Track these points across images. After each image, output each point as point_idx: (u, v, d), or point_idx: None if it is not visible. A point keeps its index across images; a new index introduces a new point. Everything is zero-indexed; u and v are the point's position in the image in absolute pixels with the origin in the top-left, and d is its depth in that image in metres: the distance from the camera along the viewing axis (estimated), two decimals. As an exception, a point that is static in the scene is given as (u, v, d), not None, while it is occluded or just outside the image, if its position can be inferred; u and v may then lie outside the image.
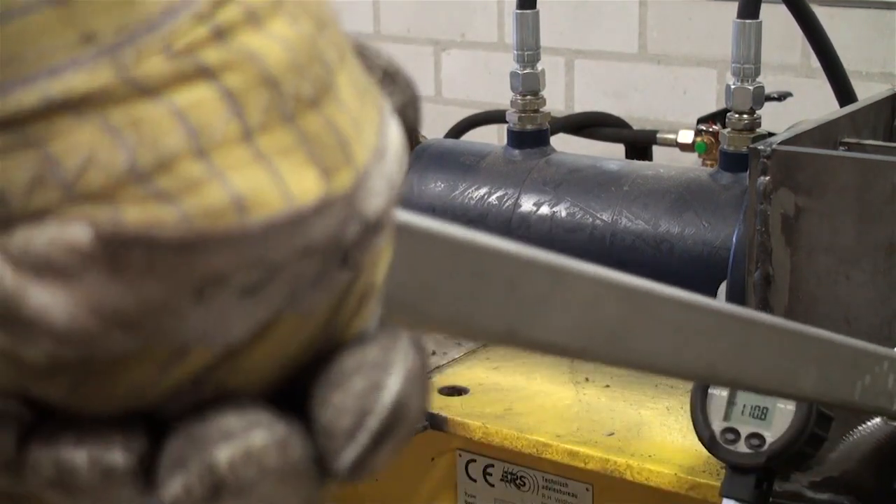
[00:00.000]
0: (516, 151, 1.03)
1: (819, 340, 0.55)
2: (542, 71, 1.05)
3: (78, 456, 0.27)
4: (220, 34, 0.26)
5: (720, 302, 0.45)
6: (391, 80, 0.34)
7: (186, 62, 0.26)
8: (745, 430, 0.77)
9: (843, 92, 1.04)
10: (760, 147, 0.80)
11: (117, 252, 0.25)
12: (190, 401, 0.28)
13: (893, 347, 0.73)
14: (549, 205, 0.98)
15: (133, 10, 0.25)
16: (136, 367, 0.26)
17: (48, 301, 0.25)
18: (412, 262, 0.32)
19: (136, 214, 0.25)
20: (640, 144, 2.18)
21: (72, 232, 0.25)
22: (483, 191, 1.01)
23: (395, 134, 0.31)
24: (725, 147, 0.94)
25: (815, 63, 1.12)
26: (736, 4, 0.93)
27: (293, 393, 0.29)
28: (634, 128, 2.23)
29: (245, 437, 0.27)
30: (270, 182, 0.26)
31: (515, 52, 1.04)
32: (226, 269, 0.26)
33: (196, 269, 0.25)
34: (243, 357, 0.27)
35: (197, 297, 0.26)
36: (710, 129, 2.00)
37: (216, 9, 0.26)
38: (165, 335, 0.26)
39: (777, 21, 1.28)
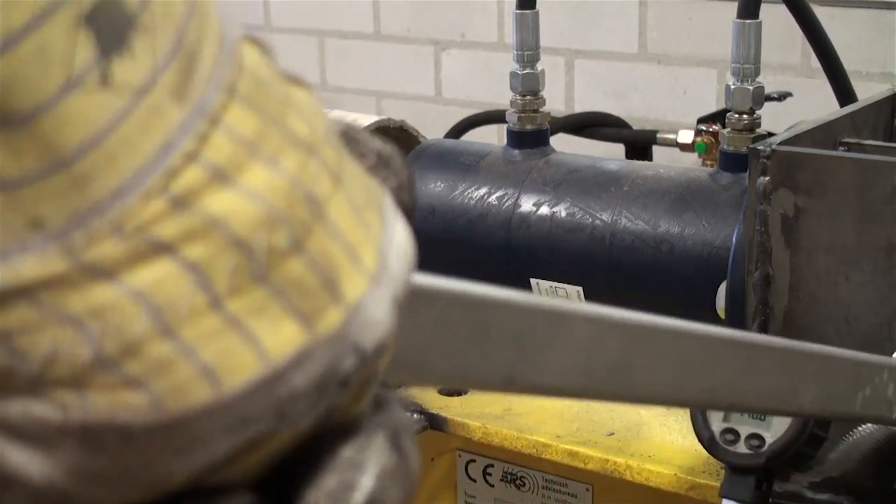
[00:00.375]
0: (516, 151, 1.03)
1: (818, 357, 0.55)
2: (542, 71, 1.05)
3: None
4: (180, 204, 0.26)
5: (717, 328, 0.45)
6: (385, 164, 0.34)
7: (140, 241, 0.25)
8: (744, 431, 0.77)
9: (844, 92, 1.04)
10: (760, 147, 0.80)
11: (89, 434, 0.25)
12: (168, 498, 0.28)
13: (893, 353, 0.73)
14: (548, 205, 0.98)
15: (82, 195, 0.25)
16: (116, 499, 0.27)
17: (25, 461, 0.25)
18: (411, 320, 0.32)
19: (104, 402, 0.25)
20: (640, 144, 2.18)
21: (42, 411, 0.25)
22: (483, 191, 1.01)
23: (400, 234, 0.30)
24: (725, 147, 0.94)
25: (815, 63, 1.12)
26: (736, 4, 0.93)
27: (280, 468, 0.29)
28: (634, 128, 2.23)
29: None
30: (243, 346, 0.26)
31: (515, 52, 1.04)
32: (204, 436, 0.26)
33: (173, 441, 0.25)
34: (226, 467, 0.27)
35: (177, 454, 0.26)
36: (710, 129, 2.00)
37: (172, 179, 0.26)
38: (146, 482, 0.26)
39: (777, 21, 1.28)
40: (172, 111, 0.26)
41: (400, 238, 0.30)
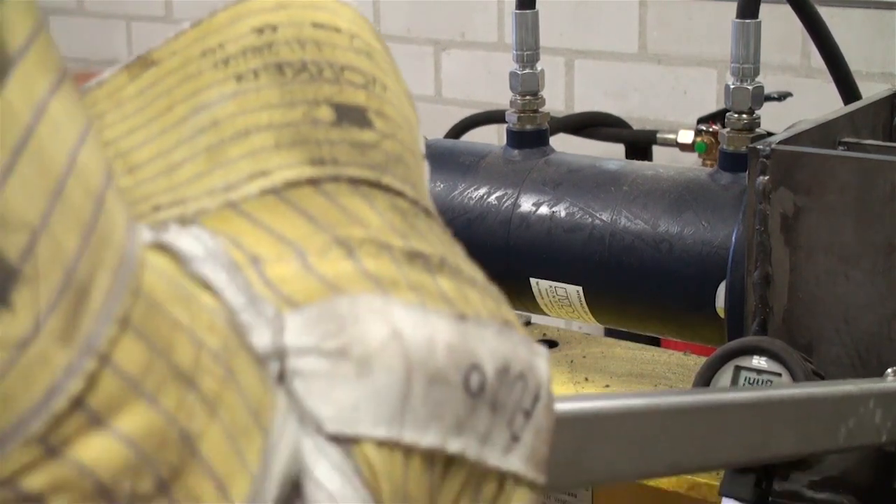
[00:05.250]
0: (515, 151, 1.03)
1: (791, 402, 0.55)
2: (542, 71, 1.05)
3: None
4: (54, 452, 0.26)
5: (677, 397, 0.45)
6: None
7: (9, 493, 0.25)
8: (744, 430, 0.77)
9: (847, 90, 1.03)
10: (760, 147, 0.80)
11: None
12: None
13: (886, 370, 0.73)
14: (548, 205, 0.98)
15: None
16: None
17: None
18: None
19: None
20: (640, 144, 2.18)
21: None
22: (482, 191, 1.01)
23: (285, 450, 0.31)
24: (725, 147, 0.94)
25: (815, 63, 1.12)
26: (735, 4, 0.93)
27: None
28: (634, 128, 2.23)
29: None
30: None
31: (515, 52, 1.04)
32: None
33: None
34: None
35: None
36: (710, 129, 2.01)
37: (52, 427, 0.26)
38: None
39: (777, 21, 1.28)
40: (58, 355, 0.26)
41: (283, 456, 0.31)
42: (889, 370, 0.72)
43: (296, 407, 0.32)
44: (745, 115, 0.93)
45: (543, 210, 0.98)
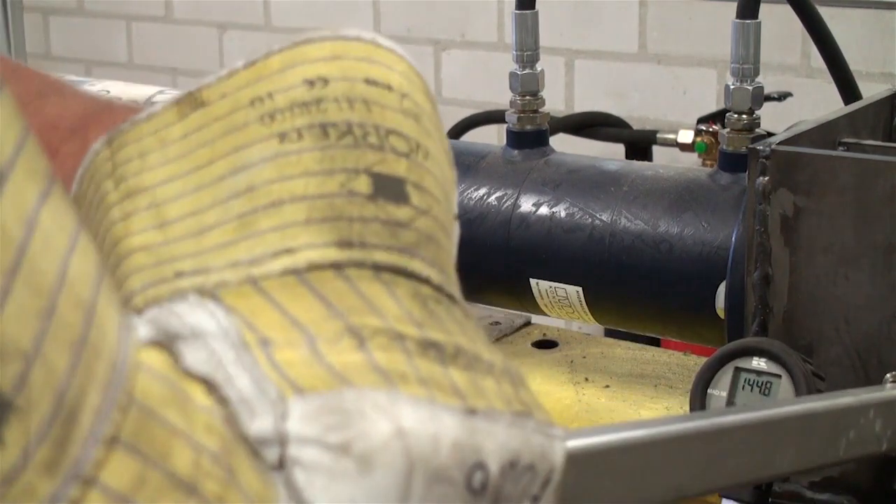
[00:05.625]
0: (515, 152, 1.03)
1: (793, 419, 0.55)
2: (542, 71, 1.05)
3: None
4: None
5: (678, 423, 0.45)
6: None
7: None
8: (744, 431, 0.77)
9: (847, 90, 1.03)
10: (759, 147, 0.80)
11: None
12: None
13: (885, 376, 0.72)
14: (548, 205, 0.98)
15: None
16: None
17: None
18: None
19: None
20: (640, 144, 2.18)
21: None
22: (482, 191, 1.01)
23: None
24: (724, 147, 0.94)
25: (815, 63, 1.12)
26: (735, 4, 0.93)
27: None
28: (634, 128, 2.23)
29: None
30: None
31: (514, 52, 1.04)
32: None
33: None
34: None
35: None
36: (710, 129, 2.01)
37: None
38: None
39: (777, 21, 1.28)
40: (43, 486, 0.26)
41: None
42: (888, 375, 0.72)
43: (295, 496, 0.33)
44: (744, 116, 0.93)
45: (543, 210, 0.98)
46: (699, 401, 0.79)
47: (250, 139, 0.39)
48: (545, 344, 1.11)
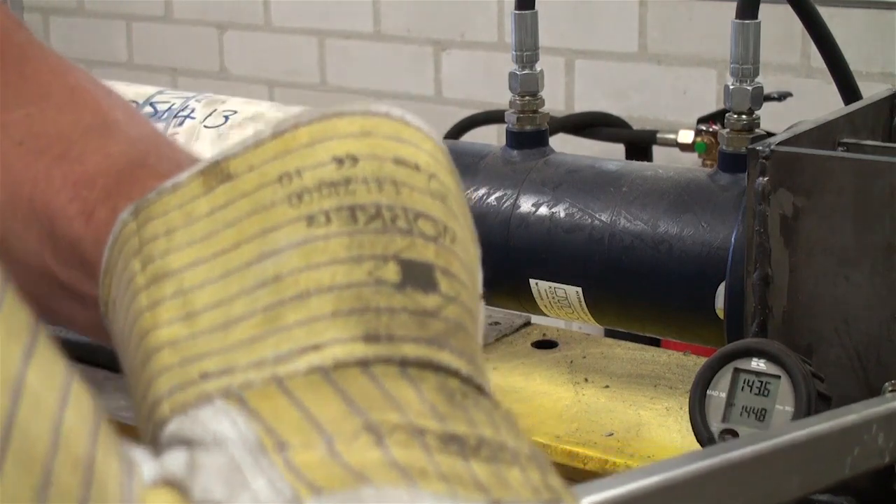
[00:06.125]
0: (515, 152, 1.03)
1: (798, 446, 0.55)
2: (541, 72, 1.05)
3: None
4: None
5: (689, 460, 0.46)
6: None
7: None
8: (743, 432, 0.77)
9: (847, 90, 1.03)
10: (759, 148, 0.80)
11: None
12: None
13: (884, 384, 0.72)
14: (547, 205, 0.98)
15: None
16: None
17: None
18: None
19: None
20: (640, 144, 2.19)
21: None
22: (482, 191, 1.01)
23: None
24: (724, 147, 0.94)
25: (815, 63, 1.12)
26: (735, 4, 0.93)
27: None
28: (634, 128, 2.24)
29: None
30: None
31: (514, 52, 1.04)
32: None
33: None
34: None
35: None
36: (710, 129, 2.01)
37: None
38: None
39: (777, 21, 1.28)
40: None
41: None
42: (887, 384, 0.71)
43: None
44: (744, 116, 0.93)
45: (543, 211, 0.98)
46: (698, 401, 0.79)
47: (278, 221, 0.39)
48: (545, 344, 1.11)
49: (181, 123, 1.13)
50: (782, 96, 1.94)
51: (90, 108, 0.47)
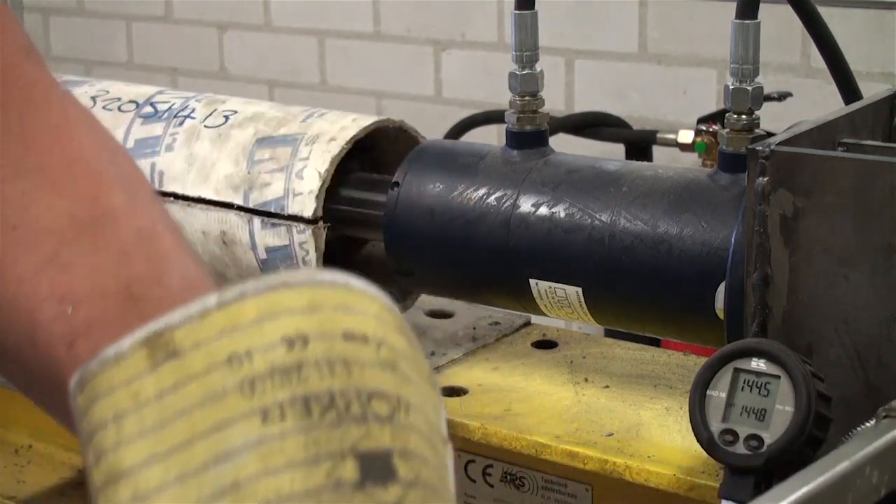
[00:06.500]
0: (515, 152, 1.03)
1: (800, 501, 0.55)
2: (541, 72, 1.05)
3: None
4: None
5: None
6: None
7: None
8: (743, 432, 0.77)
9: (848, 90, 1.03)
10: (759, 148, 0.80)
11: None
12: None
13: (878, 408, 0.72)
14: (547, 205, 0.98)
15: None
16: None
17: None
18: None
19: None
20: (640, 144, 2.19)
21: None
22: (482, 191, 1.01)
23: None
24: (724, 148, 0.94)
25: (815, 63, 1.12)
26: (735, 4, 0.93)
27: None
28: (634, 128, 2.24)
29: None
30: None
31: (514, 52, 1.04)
32: None
33: None
34: None
35: None
36: (710, 129, 2.01)
37: None
38: None
39: (777, 21, 1.28)
40: None
41: None
42: (880, 410, 0.71)
43: None
44: (744, 116, 0.93)
45: (543, 211, 0.98)
46: (698, 402, 0.79)
47: (231, 415, 0.38)
48: (545, 344, 1.11)
49: (181, 123, 1.13)
50: (782, 96, 1.94)
51: (88, 193, 0.46)
